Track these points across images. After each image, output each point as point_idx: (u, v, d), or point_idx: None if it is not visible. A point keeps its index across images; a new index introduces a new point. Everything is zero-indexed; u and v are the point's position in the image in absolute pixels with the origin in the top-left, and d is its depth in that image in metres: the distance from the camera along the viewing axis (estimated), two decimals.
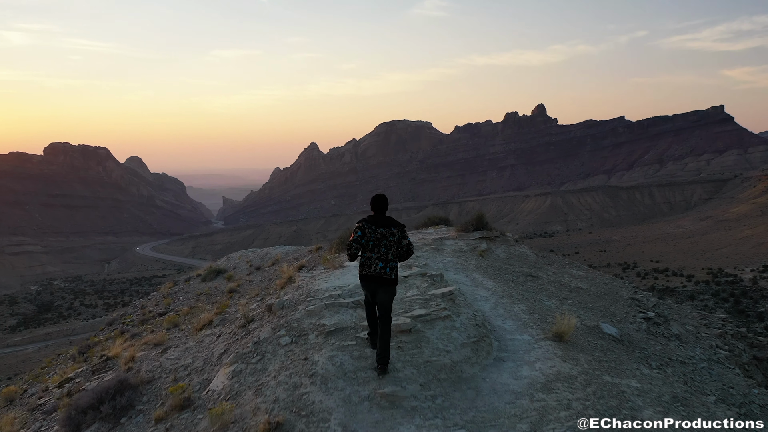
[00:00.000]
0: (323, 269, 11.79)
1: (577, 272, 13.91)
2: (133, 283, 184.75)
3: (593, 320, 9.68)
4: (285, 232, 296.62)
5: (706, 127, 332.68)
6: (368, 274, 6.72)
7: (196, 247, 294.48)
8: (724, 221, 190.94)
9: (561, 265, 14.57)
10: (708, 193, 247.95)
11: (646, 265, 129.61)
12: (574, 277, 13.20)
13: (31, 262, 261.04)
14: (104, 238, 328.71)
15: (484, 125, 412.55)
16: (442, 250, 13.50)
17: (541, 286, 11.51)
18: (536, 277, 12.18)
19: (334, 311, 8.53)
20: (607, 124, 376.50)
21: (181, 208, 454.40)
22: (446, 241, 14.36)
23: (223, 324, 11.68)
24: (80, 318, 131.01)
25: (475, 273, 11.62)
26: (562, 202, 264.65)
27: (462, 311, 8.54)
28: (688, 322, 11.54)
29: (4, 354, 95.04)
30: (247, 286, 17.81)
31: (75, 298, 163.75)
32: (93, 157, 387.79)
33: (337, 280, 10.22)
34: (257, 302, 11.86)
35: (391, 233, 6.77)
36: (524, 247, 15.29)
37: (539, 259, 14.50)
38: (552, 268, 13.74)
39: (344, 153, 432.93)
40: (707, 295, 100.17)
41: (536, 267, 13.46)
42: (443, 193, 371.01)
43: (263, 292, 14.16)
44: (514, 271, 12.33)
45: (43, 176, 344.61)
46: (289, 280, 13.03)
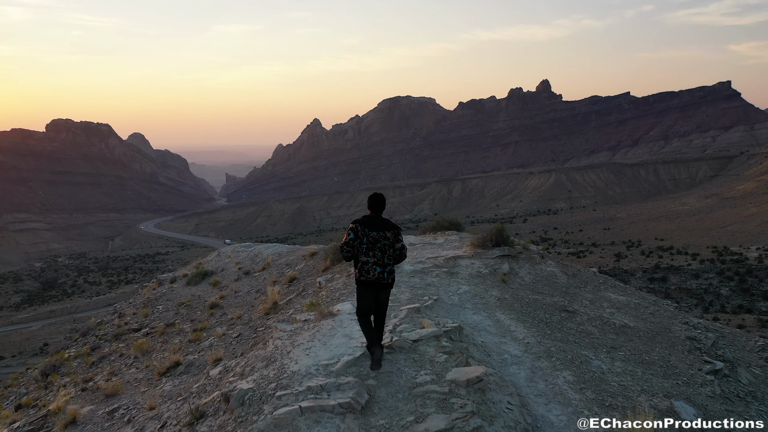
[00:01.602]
0: (308, 318, 8.94)
1: (616, 296, 11.83)
2: (137, 260, 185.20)
3: (661, 393, 7.55)
4: (288, 210, 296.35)
5: (713, 103, 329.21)
6: (367, 280, 6.62)
7: (199, 224, 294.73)
8: (730, 199, 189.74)
9: (595, 287, 12.36)
10: (713, 170, 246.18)
11: (650, 243, 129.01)
12: (615, 305, 11.22)
13: (35, 239, 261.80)
14: (108, 215, 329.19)
15: (488, 101, 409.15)
16: (456, 275, 11.38)
17: (582, 329, 9.58)
18: (573, 312, 10.18)
19: (314, 421, 5.80)
20: (612, 100, 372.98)
21: (184, 185, 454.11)
22: (461, 261, 12.23)
23: (188, 372, 10.47)
24: (84, 295, 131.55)
25: (499, 311, 9.64)
26: (567, 179, 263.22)
27: (497, 413, 5.97)
28: (752, 360, 9.82)
29: (8, 332, 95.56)
30: (231, 298, 16.42)
31: (79, 276, 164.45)
32: (95, 134, 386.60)
33: (323, 347, 7.49)
34: (223, 360, 9.91)
35: (384, 236, 6.62)
36: (551, 263, 13.10)
37: (570, 281, 12.29)
38: (587, 293, 11.76)
39: (347, 129, 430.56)
40: (712, 274, 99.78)
41: (569, 294, 11.41)
42: (446, 169, 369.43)
43: (244, 317, 13.18)
44: (545, 304, 10.36)
45: (45, 153, 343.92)
46: (272, 307, 11.96)
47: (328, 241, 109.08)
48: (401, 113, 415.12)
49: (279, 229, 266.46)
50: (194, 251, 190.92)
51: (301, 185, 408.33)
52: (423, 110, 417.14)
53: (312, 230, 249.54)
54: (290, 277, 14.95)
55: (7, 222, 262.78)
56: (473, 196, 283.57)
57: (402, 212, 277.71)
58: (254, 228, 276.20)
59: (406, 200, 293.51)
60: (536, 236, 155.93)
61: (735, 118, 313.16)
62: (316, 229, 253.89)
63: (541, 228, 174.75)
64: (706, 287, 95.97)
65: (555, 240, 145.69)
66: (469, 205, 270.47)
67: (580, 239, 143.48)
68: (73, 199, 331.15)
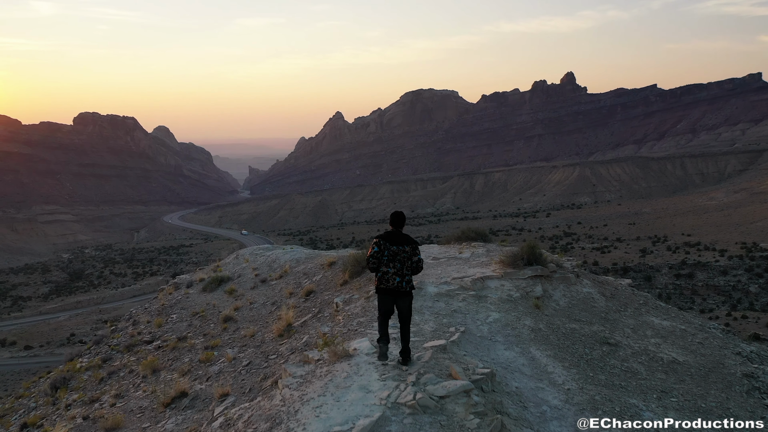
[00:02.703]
0: (322, 358, 8.01)
1: (659, 321, 10.85)
2: (162, 252, 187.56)
3: None
4: (310, 203, 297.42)
5: (742, 95, 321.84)
6: (387, 288, 7.41)
7: (222, 217, 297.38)
8: (760, 193, 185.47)
9: (636, 309, 11.46)
10: (743, 164, 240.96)
11: (677, 238, 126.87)
12: (659, 333, 10.27)
13: (63, 231, 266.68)
14: (133, 207, 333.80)
15: (511, 94, 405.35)
16: (484, 299, 10.41)
17: (627, 367, 8.71)
18: (615, 345, 9.32)
19: None
20: (638, 93, 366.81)
21: (207, 177, 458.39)
22: (489, 283, 11.11)
23: (193, 407, 9.95)
24: (110, 287, 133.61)
25: (534, 346, 8.75)
26: (591, 173, 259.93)
27: None
28: None
29: (37, 321, 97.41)
30: (246, 310, 15.73)
31: (105, 267, 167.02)
32: (121, 127, 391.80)
33: (336, 405, 6.64)
34: (230, 397, 9.36)
35: (403, 250, 7.40)
36: (587, 283, 12.05)
37: (609, 303, 11.37)
38: (627, 318, 10.83)
39: (369, 122, 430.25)
40: (740, 271, 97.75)
41: (609, 321, 10.48)
42: (469, 163, 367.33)
43: (257, 336, 12.60)
44: (584, 335, 9.51)
45: (73, 146, 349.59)
46: (286, 329, 11.30)
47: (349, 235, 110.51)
48: (424, 106, 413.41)
49: (301, 222, 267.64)
50: (217, 243, 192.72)
51: (323, 178, 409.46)
52: (445, 103, 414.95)
53: (334, 223, 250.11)
54: (307, 290, 14.37)
55: (35, 214, 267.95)
56: (496, 189, 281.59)
57: (424, 206, 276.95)
58: (276, 221, 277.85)
59: (428, 194, 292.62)
60: (560, 231, 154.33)
61: (766, 111, 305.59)
62: (338, 222, 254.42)
63: (565, 223, 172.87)
64: (734, 284, 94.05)
65: (579, 235, 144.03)
66: (491, 199, 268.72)
67: (605, 234, 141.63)
68: (99, 191, 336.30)
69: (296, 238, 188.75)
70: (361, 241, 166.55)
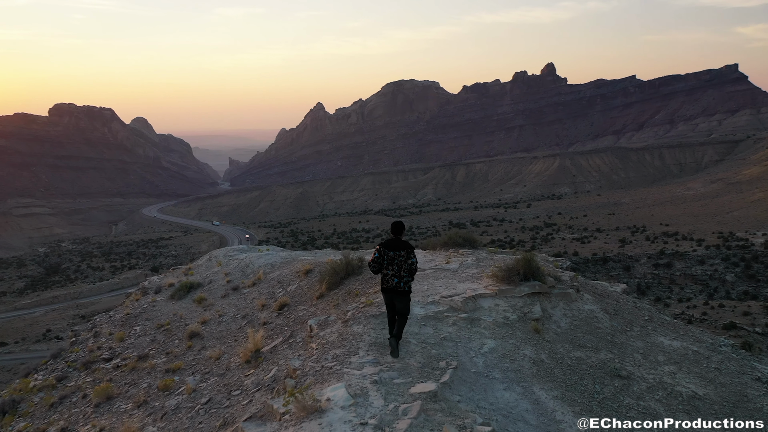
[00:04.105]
0: (288, 411, 6.92)
1: (668, 342, 10.08)
2: (140, 245, 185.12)
3: None
4: (291, 194, 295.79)
5: (719, 86, 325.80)
6: (387, 287, 8.42)
7: (202, 209, 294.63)
8: (736, 183, 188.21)
9: (642, 327, 10.68)
10: (719, 154, 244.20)
11: (655, 228, 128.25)
12: (671, 358, 9.46)
13: (38, 224, 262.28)
14: (111, 200, 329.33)
15: (492, 85, 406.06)
16: (478, 322, 9.46)
17: (644, 406, 7.98)
18: (627, 378, 8.52)
19: None
20: (617, 84, 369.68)
21: (187, 169, 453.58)
22: (482, 302, 10.16)
23: None
24: (87, 281, 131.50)
25: (538, 384, 7.89)
26: (571, 163, 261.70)
27: None
28: None
29: (12, 317, 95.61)
30: (214, 324, 14.74)
31: (82, 261, 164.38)
32: (98, 118, 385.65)
33: None
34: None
35: (399, 255, 8.33)
36: (588, 298, 11.18)
37: (613, 322, 10.53)
38: (635, 340, 10.01)
39: (350, 113, 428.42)
40: (717, 260, 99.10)
41: (616, 345, 9.67)
42: (450, 154, 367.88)
43: (223, 360, 11.75)
44: (592, 366, 8.69)
45: (49, 138, 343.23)
46: (254, 355, 10.46)
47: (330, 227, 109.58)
48: (405, 97, 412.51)
49: (282, 214, 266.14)
50: (197, 236, 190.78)
51: (304, 170, 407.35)
52: (427, 94, 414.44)
53: (315, 215, 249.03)
54: (281, 303, 13.52)
55: (10, 207, 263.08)
56: (477, 180, 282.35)
57: (405, 197, 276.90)
58: (257, 213, 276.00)
59: (409, 185, 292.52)
60: (540, 221, 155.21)
61: (742, 102, 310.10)
62: (319, 214, 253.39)
63: (545, 213, 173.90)
64: (712, 273, 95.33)
65: (559, 225, 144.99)
66: (472, 190, 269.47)
67: (585, 224, 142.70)
68: (76, 183, 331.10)
69: (277, 230, 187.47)
70: (342, 233, 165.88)
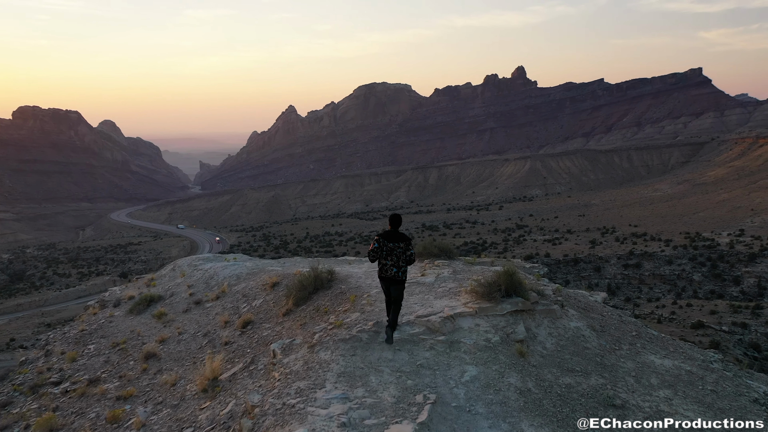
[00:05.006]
0: None
1: (660, 361, 9.54)
2: (108, 251, 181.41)
3: None
4: (263, 198, 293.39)
5: (684, 89, 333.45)
6: (385, 276, 8.87)
7: (172, 213, 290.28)
8: (701, 185, 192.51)
9: (631, 345, 10.10)
10: (685, 156, 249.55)
11: (624, 229, 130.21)
12: (665, 381, 8.91)
13: (2, 230, 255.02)
14: (78, 205, 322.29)
15: (463, 88, 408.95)
16: (457, 346, 8.74)
17: None
18: (622, 407, 7.96)
19: None
20: (586, 87, 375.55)
21: (156, 173, 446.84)
22: (462, 322, 9.43)
23: None
24: (53, 288, 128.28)
25: (526, 420, 7.25)
26: (542, 165, 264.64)
27: None
28: None
29: None
30: (173, 344, 13.88)
31: (48, 267, 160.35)
32: (64, 121, 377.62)
33: None
34: None
35: (398, 246, 8.80)
36: (573, 314, 10.51)
37: (601, 340, 9.91)
38: (626, 361, 9.39)
39: (323, 116, 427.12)
40: (685, 260, 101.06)
41: (606, 367, 9.05)
42: (422, 156, 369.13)
43: (178, 387, 11.02)
44: (584, 395, 8.09)
45: (12, 141, 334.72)
46: (211, 384, 9.75)
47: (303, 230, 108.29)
48: (377, 100, 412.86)
49: (254, 218, 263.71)
50: (167, 241, 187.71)
51: (277, 173, 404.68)
52: (399, 97, 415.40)
53: (287, 219, 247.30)
54: (244, 320, 12.78)
55: None
56: (449, 183, 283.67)
57: (378, 200, 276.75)
58: (229, 216, 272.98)
59: (382, 188, 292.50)
60: (512, 223, 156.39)
61: (706, 105, 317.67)
62: (291, 218, 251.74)
63: (517, 215, 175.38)
64: (679, 273, 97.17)
65: (531, 227, 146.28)
66: (445, 192, 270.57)
67: (556, 226, 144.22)
68: (41, 188, 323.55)
69: (249, 234, 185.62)
70: (315, 236, 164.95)
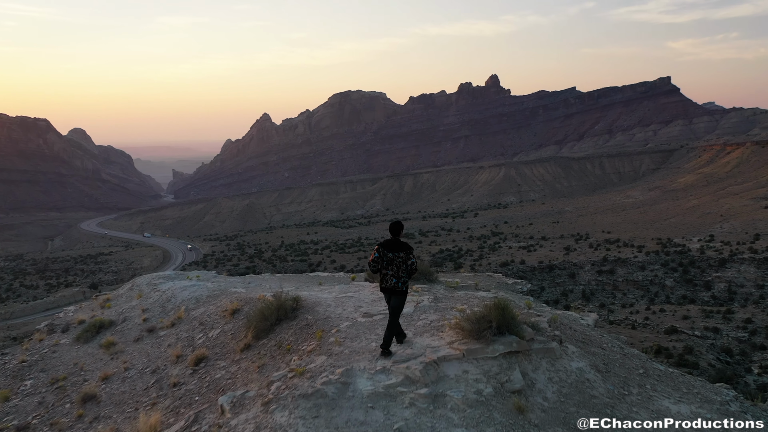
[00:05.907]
0: None
1: (676, 409, 8.02)
2: (78, 262, 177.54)
3: None
4: (237, 206, 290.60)
5: (654, 98, 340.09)
6: (386, 287, 8.53)
7: (144, 223, 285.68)
8: (672, 191, 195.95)
9: (641, 388, 8.61)
10: (656, 163, 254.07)
11: (598, 236, 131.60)
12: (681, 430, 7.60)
13: None
14: (47, 214, 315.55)
15: (438, 96, 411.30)
16: (442, 402, 7.27)
17: None
18: None
19: None
20: (558, 95, 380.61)
21: (128, 181, 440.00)
22: (447, 369, 7.86)
23: None
24: (20, 300, 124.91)
25: None
26: (516, 173, 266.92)
27: None
28: None
29: None
30: (116, 382, 12.38)
31: (15, 279, 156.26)
32: (33, 129, 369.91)
33: None
34: None
35: (398, 256, 8.41)
36: (574, 352, 8.93)
37: (608, 384, 8.38)
38: (639, 409, 7.91)
39: (297, 124, 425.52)
40: (657, 265, 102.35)
41: (615, 415, 7.62)
42: (398, 164, 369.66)
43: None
44: None
45: None
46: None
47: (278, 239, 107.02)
48: (352, 108, 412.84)
49: (228, 227, 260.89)
50: (139, 251, 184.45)
51: (251, 181, 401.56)
52: (374, 104, 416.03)
53: (262, 227, 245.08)
54: (197, 356, 11.61)
55: None
56: (425, 190, 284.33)
57: (354, 207, 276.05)
58: (202, 225, 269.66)
59: (357, 195, 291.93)
60: (487, 230, 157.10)
61: (674, 113, 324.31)
62: (266, 226, 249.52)
63: (492, 222, 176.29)
64: (652, 279, 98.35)
65: (506, 234, 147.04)
66: (420, 200, 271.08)
67: (530, 233, 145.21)
68: (8, 197, 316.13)
69: (223, 243, 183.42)
70: (290, 245, 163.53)
